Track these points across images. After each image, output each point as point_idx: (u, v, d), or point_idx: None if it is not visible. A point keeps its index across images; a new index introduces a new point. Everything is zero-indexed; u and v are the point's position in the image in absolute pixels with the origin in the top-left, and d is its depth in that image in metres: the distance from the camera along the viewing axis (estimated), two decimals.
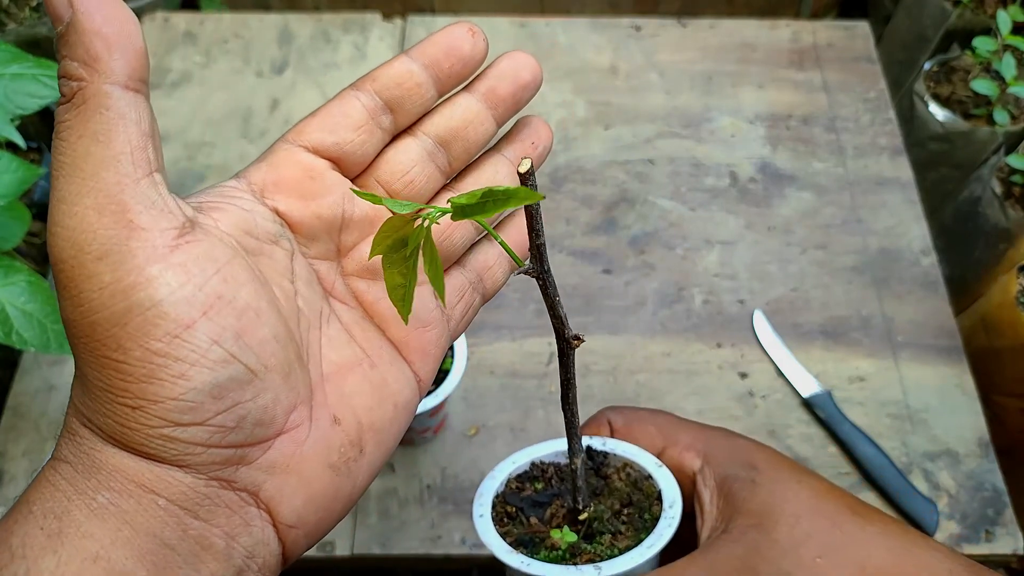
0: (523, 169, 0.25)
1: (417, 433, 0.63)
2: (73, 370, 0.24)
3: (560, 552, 0.37)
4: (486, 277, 0.33)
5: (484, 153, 0.32)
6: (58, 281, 0.23)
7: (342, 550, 0.61)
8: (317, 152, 0.29)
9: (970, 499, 0.64)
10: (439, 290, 0.26)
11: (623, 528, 0.37)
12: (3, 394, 0.68)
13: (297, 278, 0.28)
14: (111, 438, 0.24)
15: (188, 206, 0.25)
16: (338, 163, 0.29)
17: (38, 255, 0.81)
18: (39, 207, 0.81)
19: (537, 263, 0.29)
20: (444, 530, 0.62)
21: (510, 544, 0.37)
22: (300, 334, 0.27)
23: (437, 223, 0.24)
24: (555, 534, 0.37)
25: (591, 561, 0.35)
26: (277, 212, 0.28)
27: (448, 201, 0.23)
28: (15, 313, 0.57)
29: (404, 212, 0.24)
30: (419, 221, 0.24)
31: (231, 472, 0.25)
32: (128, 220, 0.23)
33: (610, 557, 0.35)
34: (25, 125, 0.91)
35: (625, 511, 0.37)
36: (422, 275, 0.27)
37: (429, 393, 0.53)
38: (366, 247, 0.30)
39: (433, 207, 0.24)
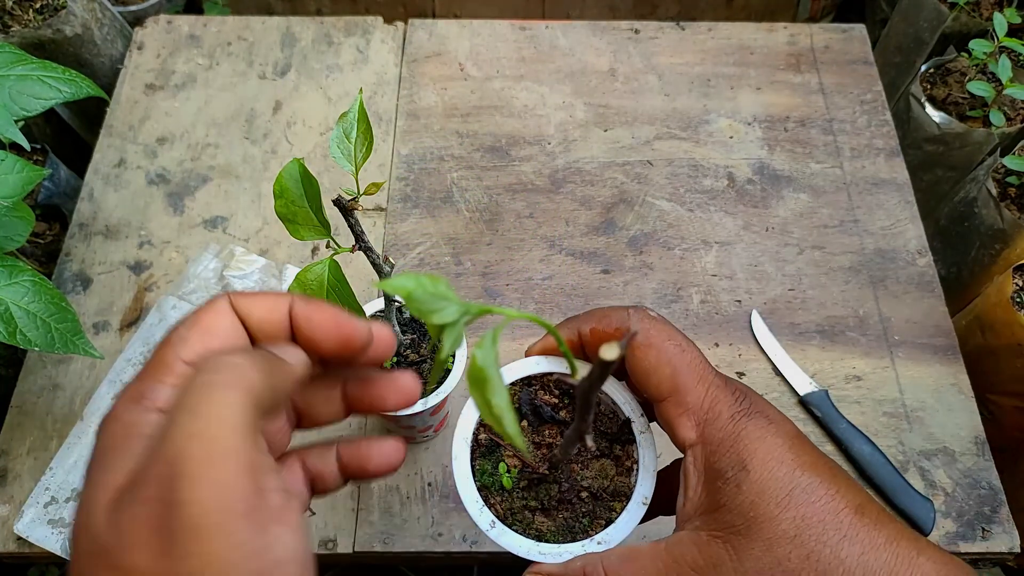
0: (608, 357, 0.27)
1: (418, 431, 0.63)
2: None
3: (495, 478, 0.37)
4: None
5: None
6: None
7: (344, 547, 0.62)
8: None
9: (966, 497, 0.65)
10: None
11: (561, 518, 0.37)
12: (8, 393, 0.69)
13: None
14: None
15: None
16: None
17: (42, 255, 0.81)
18: (43, 208, 0.82)
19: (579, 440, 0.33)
20: (445, 527, 0.62)
21: (478, 438, 0.38)
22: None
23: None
24: (502, 471, 0.38)
25: (502, 518, 0.36)
26: None
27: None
28: (19, 313, 0.57)
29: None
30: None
31: None
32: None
33: (523, 533, 0.36)
34: (29, 127, 0.91)
35: (583, 499, 0.38)
36: None
37: (431, 392, 0.54)
38: None
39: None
